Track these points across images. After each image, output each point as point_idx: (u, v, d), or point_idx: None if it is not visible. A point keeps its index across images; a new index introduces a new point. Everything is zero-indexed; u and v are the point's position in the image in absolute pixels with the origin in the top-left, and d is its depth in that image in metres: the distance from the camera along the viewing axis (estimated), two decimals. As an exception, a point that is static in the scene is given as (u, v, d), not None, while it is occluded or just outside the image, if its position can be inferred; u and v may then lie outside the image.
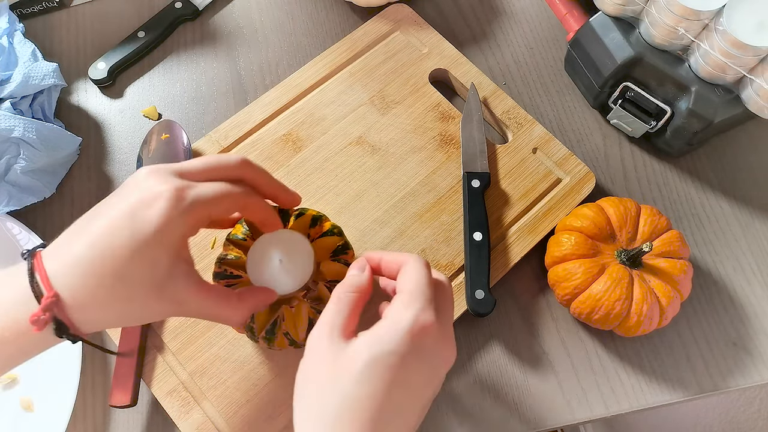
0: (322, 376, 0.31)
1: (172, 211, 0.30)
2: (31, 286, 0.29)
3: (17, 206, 0.48)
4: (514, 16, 0.61)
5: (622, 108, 0.51)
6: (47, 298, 0.29)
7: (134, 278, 0.30)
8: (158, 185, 0.30)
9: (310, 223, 0.40)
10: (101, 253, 0.29)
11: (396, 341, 0.30)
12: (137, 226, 0.30)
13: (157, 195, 0.30)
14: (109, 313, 0.31)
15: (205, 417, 0.43)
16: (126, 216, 0.30)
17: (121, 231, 0.30)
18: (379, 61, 0.56)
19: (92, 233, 0.30)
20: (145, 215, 0.30)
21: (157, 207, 0.30)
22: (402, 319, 0.31)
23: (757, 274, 0.50)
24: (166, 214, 0.30)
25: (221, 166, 0.34)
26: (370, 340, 0.31)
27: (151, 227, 0.30)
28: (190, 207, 0.31)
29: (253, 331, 0.38)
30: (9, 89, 0.48)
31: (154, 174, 0.31)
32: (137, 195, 0.30)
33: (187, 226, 0.31)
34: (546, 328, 0.48)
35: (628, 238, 0.45)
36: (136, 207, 0.30)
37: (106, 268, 0.29)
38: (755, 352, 0.48)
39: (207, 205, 0.31)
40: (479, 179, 0.49)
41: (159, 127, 0.51)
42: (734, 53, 0.43)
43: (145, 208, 0.30)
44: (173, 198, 0.30)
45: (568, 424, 0.45)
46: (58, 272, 0.30)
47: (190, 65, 0.58)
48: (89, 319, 0.31)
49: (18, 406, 0.44)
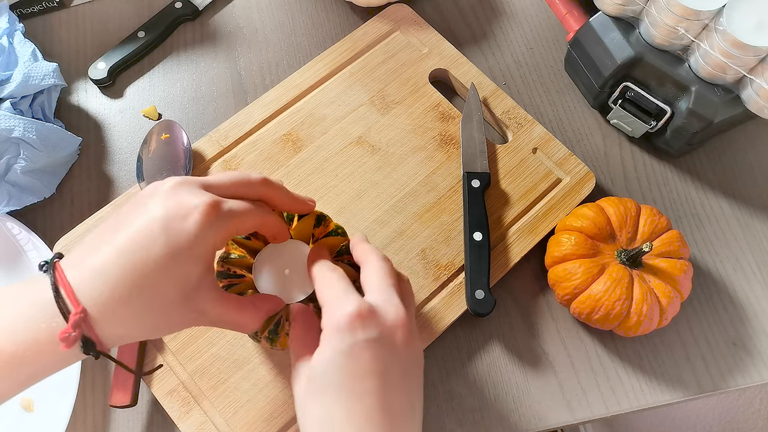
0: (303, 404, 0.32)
1: (207, 224, 0.30)
2: (56, 301, 0.28)
3: (17, 206, 0.48)
4: (514, 16, 0.61)
5: (622, 108, 0.51)
6: (75, 314, 0.28)
7: (166, 290, 0.30)
8: (193, 198, 0.30)
9: (314, 223, 0.41)
10: (132, 265, 0.29)
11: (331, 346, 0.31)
12: (172, 237, 0.29)
13: (193, 208, 0.30)
14: (136, 326, 0.30)
15: (205, 417, 0.43)
16: (160, 227, 0.29)
17: (155, 242, 0.29)
18: (379, 61, 0.56)
19: (120, 244, 0.29)
20: (181, 227, 0.30)
21: (192, 219, 0.30)
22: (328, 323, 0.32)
23: (757, 274, 0.50)
24: (201, 227, 0.30)
25: (245, 183, 0.34)
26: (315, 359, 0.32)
27: (186, 239, 0.30)
28: (223, 221, 0.31)
29: (255, 332, 0.38)
30: (9, 89, 0.48)
31: (185, 186, 0.31)
32: (170, 207, 0.30)
33: (219, 240, 0.31)
34: (546, 328, 0.48)
35: (628, 238, 0.45)
36: (170, 218, 0.30)
37: (137, 280, 0.29)
38: (755, 352, 0.48)
39: (237, 220, 0.32)
40: (479, 179, 0.49)
41: (159, 127, 0.51)
42: (734, 53, 0.43)
43: (181, 220, 0.30)
44: (208, 211, 0.30)
45: (568, 424, 0.45)
46: (84, 285, 0.29)
47: (190, 65, 0.58)
48: (115, 333, 0.30)
49: (18, 406, 0.44)
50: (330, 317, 0.32)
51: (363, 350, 0.31)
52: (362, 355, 0.31)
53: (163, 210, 0.30)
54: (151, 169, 0.49)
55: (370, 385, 0.31)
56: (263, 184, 0.35)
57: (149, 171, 0.49)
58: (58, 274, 0.29)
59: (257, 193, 0.35)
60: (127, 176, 0.53)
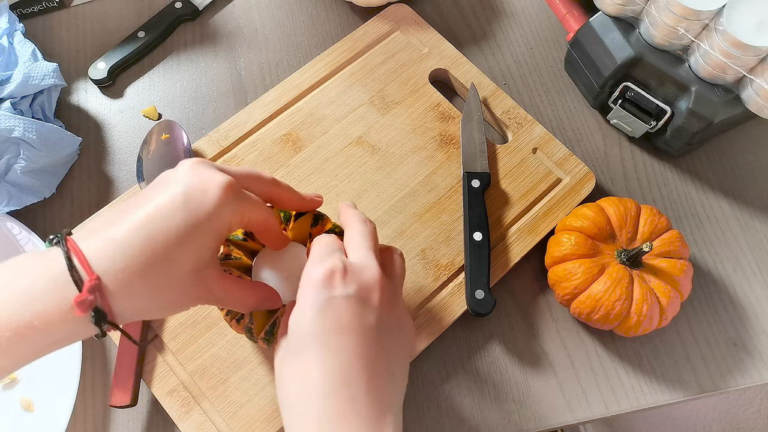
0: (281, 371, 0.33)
1: (226, 201, 0.31)
2: (69, 270, 0.28)
3: (17, 206, 0.48)
4: (514, 16, 0.61)
5: (622, 108, 0.51)
6: (90, 281, 0.28)
7: (182, 262, 0.30)
8: (213, 174, 0.31)
9: (312, 222, 0.41)
10: (151, 236, 0.29)
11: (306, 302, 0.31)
12: (192, 210, 0.30)
13: (214, 183, 0.31)
14: (150, 299, 0.30)
15: (205, 417, 0.43)
16: (180, 200, 0.30)
17: (175, 213, 0.29)
18: (379, 61, 0.56)
19: (138, 217, 0.29)
20: (202, 199, 0.30)
21: (212, 194, 0.30)
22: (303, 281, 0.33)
23: (757, 274, 0.50)
24: (221, 202, 0.30)
25: (258, 178, 0.35)
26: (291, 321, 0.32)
27: (206, 212, 0.30)
28: (240, 201, 0.32)
29: (251, 332, 0.38)
30: (9, 89, 0.48)
31: (204, 165, 0.32)
32: (191, 181, 0.31)
33: (235, 218, 0.32)
34: (546, 328, 0.48)
35: (628, 238, 0.45)
36: (191, 192, 0.30)
37: (156, 250, 0.29)
38: (755, 352, 0.48)
39: (251, 205, 0.33)
40: (479, 179, 0.49)
41: (159, 127, 0.51)
42: (734, 53, 0.43)
43: (202, 194, 0.30)
44: (228, 188, 0.31)
45: (568, 424, 0.45)
46: (98, 255, 0.29)
47: (190, 65, 0.58)
48: (129, 306, 0.30)
49: (18, 406, 0.44)
50: (308, 273, 0.32)
51: (338, 306, 0.31)
52: (337, 310, 0.31)
53: (185, 184, 0.30)
54: (151, 169, 0.49)
55: (346, 339, 0.31)
56: (273, 184, 0.36)
57: (149, 171, 0.49)
58: (70, 244, 0.29)
59: (267, 192, 0.35)
60: (127, 176, 0.53)
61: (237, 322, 0.39)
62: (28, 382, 0.45)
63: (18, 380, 0.45)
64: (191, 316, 0.46)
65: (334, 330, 0.31)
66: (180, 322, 0.46)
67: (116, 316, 0.29)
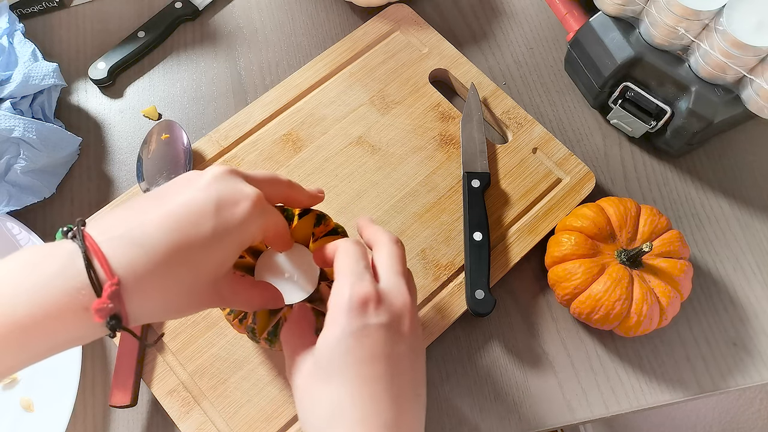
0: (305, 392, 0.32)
1: (255, 215, 0.31)
2: (87, 271, 0.26)
3: (17, 206, 0.48)
4: (514, 16, 0.61)
5: (622, 108, 0.51)
6: (111, 286, 0.26)
7: (203, 270, 0.30)
8: (245, 187, 0.32)
9: (314, 222, 0.41)
10: (176, 240, 0.28)
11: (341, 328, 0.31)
12: (222, 220, 0.30)
13: (245, 196, 0.31)
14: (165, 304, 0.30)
15: (205, 417, 0.43)
16: (213, 208, 0.30)
17: (205, 221, 0.29)
18: (379, 61, 0.56)
19: (165, 218, 0.29)
20: (233, 212, 0.30)
21: (243, 206, 0.31)
22: (337, 304, 0.32)
23: (757, 274, 0.50)
24: (250, 215, 0.31)
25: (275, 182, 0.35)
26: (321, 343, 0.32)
27: (235, 225, 0.30)
28: (266, 215, 0.32)
29: (254, 332, 0.39)
30: (9, 89, 0.48)
31: (236, 175, 0.32)
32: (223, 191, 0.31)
33: (259, 232, 0.32)
34: (546, 328, 0.48)
35: (628, 238, 0.45)
36: (223, 202, 0.30)
37: (179, 256, 0.28)
38: (755, 352, 0.48)
39: (274, 218, 0.33)
40: (479, 179, 0.49)
41: (159, 127, 0.51)
42: (734, 53, 0.43)
43: (233, 206, 0.30)
44: (257, 202, 0.31)
45: (568, 424, 0.45)
46: (117, 256, 0.27)
47: (190, 65, 0.58)
48: (144, 308, 0.29)
49: (18, 406, 0.44)
50: (341, 295, 0.32)
51: (372, 334, 0.31)
52: (371, 340, 0.31)
53: (217, 193, 0.30)
54: (151, 169, 0.49)
55: (379, 369, 0.31)
56: (288, 186, 0.36)
57: (149, 171, 0.49)
58: (88, 242, 0.27)
59: (284, 194, 0.36)
60: (127, 176, 0.53)
61: (240, 323, 0.39)
62: (28, 382, 0.45)
63: (18, 380, 0.45)
64: (191, 315, 0.46)
65: (367, 360, 0.31)
66: (180, 322, 0.46)
67: (130, 319, 0.28)
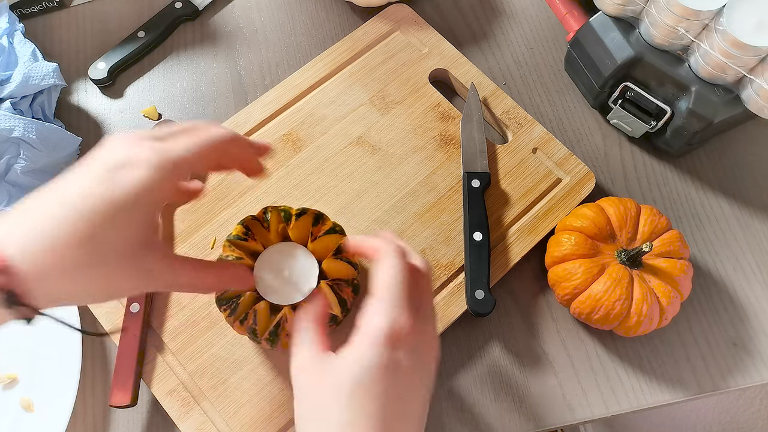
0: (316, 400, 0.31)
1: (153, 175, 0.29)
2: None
3: (17, 206, 0.48)
4: (514, 16, 0.61)
5: (622, 108, 0.51)
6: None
7: (110, 243, 0.28)
8: (136, 148, 0.29)
9: (312, 222, 0.41)
10: (72, 215, 0.28)
11: (373, 356, 0.30)
12: (115, 188, 0.28)
13: (136, 158, 0.29)
14: (75, 283, 0.29)
15: (205, 417, 0.43)
16: (102, 178, 0.28)
17: (96, 193, 0.28)
18: (379, 61, 0.56)
19: (60, 197, 0.28)
20: (123, 178, 0.28)
21: (136, 170, 0.29)
22: (375, 330, 0.31)
23: (757, 274, 0.50)
24: (145, 178, 0.29)
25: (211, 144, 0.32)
26: (350, 361, 0.31)
27: (129, 190, 0.28)
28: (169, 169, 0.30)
29: (255, 333, 0.39)
30: (9, 89, 0.48)
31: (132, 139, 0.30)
32: (112, 158, 0.29)
33: (164, 191, 0.30)
34: (546, 328, 0.48)
35: (628, 238, 0.45)
36: (113, 169, 0.29)
37: (77, 231, 0.27)
38: (755, 352, 0.48)
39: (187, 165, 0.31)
40: (479, 179, 0.49)
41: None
42: (734, 53, 0.43)
43: (123, 171, 0.29)
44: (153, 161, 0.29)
45: (568, 424, 0.45)
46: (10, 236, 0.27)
47: (190, 65, 0.58)
48: (51, 289, 0.28)
49: (18, 406, 0.44)
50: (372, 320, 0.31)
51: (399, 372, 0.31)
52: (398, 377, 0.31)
53: (108, 161, 0.29)
54: (151, 169, 0.49)
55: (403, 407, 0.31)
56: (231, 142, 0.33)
57: (149, 171, 0.49)
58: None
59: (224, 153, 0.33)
60: (127, 176, 0.53)
61: (240, 324, 0.39)
62: (28, 382, 0.45)
63: (18, 380, 0.45)
64: (191, 315, 0.46)
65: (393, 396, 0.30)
66: (180, 322, 0.46)
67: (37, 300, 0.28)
